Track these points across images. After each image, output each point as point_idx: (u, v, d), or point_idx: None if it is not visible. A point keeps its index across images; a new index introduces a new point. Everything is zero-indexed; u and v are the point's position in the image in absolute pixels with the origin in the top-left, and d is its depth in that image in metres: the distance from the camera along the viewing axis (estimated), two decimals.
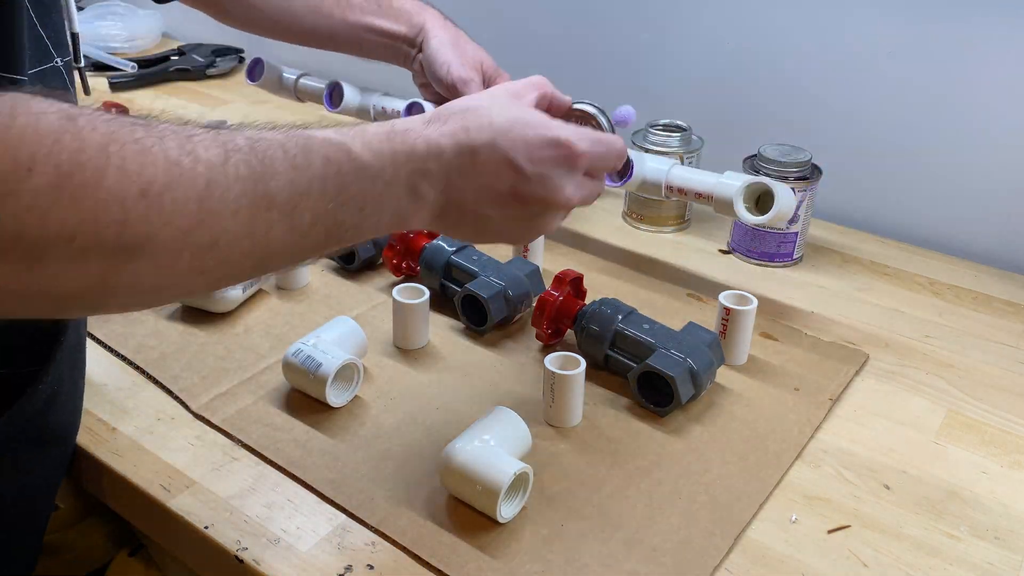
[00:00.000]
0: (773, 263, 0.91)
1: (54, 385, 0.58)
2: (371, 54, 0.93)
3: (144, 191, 0.38)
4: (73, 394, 0.63)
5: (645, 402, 0.68)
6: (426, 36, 0.89)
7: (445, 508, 0.59)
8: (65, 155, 0.36)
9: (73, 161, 0.36)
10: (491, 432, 0.59)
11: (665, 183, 0.83)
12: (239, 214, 0.41)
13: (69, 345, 0.59)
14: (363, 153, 0.47)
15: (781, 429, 0.67)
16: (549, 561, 0.55)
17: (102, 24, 1.47)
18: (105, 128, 0.38)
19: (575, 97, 0.66)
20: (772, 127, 1.03)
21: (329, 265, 0.88)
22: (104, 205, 0.37)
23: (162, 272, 0.40)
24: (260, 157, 0.42)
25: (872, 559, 0.57)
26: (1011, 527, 0.59)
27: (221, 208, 0.40)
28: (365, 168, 0.47)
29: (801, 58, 1.00)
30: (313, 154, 0.45)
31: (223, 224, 0.41)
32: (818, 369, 0.74)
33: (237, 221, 0.41)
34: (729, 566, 0.56)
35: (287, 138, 0.45)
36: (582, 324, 0.72)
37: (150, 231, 0.38)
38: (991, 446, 0.67)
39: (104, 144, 0.37)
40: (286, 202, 0.43)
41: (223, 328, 0.77)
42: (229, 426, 0.66)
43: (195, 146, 0.40)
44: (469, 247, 0.82)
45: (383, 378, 0.72)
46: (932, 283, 0.89)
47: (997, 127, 0.91)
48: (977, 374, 0.75)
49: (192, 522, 0.58)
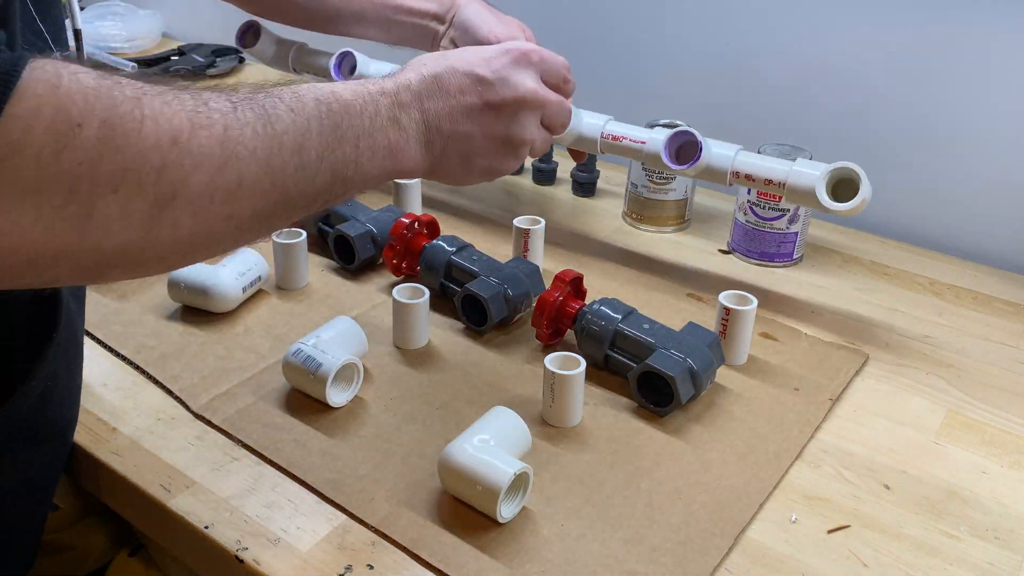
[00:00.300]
0: (773, 263, 0.91)
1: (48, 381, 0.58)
2: (398, 36, 0.92)
3: (175, 139, 0.41)
4: (69, 389, 0.63)
5: (645, 402, 0.68)
6: (458, 7, 0.89)
7: (445, 508, 0.59)
8: (107, 110, 0.38)
9: (114, 115, 0.39)
10: (491, 432, 0.59)
11: (731, 170, 0.79)
12: (256, 153, 0.45)
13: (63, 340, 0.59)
14: (345, 93, 0.52)
15: (781, 429, 0.67)
16: (549, 561, 0.55)
17: (102, 24, 1.47)
18: (133, 85, 0.40)
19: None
20: (772, 127, 1.03)
21: (329, 265, 0.88)
22: (144, 154, 0.40)
23: (197, 218, 0.43)
24: (261, 104, 0.46)
25: (872, 559, 0.57)
26: (1011, 527, 0.59)
27: (240, 149, 0.44)
28: (350, 105, 0.52)
29: (801, 58, 1.00)
30: (304, 98, 0.49)
31: (244, 165, 0.44)
32: (818, 369, 0.74)
33: (256, 161, 0.45)
34: (729, 566, 0.56)
35: (277, 89, 0.49)
36: (582, 324, 0.72)
37: (184, 175, 0.41)
38: (991, 446, 0.67)
39: (136, 98, 0.40)
40: (292, 140, 0.47)
41: (223, 328, 0.77)
42: (229, 426, 0.66)
43: (206, 99, 0.43)
44: (469, 247, 0.82)
45: (383, 378, 0.72)
46: (932, 283, 0.89)
47: (997, 127, 0.91)
48: (977, 374, 0.75)
49: (192, 522, 0.58)
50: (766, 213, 0.89)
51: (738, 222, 0.92)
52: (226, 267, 0.79)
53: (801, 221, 0.89)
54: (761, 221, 0.89)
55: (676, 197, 0.96)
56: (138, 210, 0.40)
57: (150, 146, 0.40)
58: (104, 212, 0.39)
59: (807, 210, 0.89)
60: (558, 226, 0.98)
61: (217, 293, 0.77)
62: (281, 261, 0.83)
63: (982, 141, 0.92)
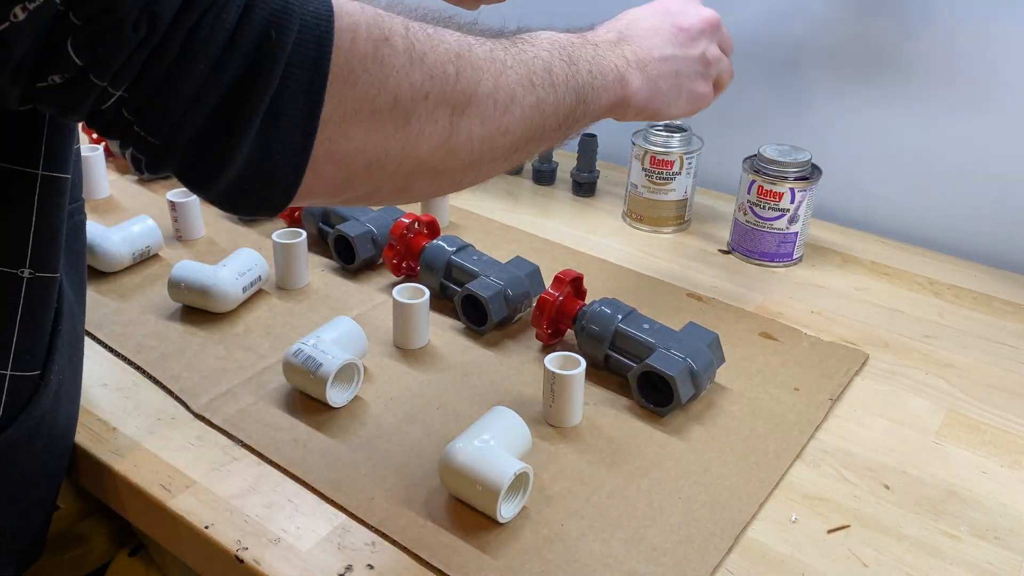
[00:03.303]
0: (773, 263, 0.91)
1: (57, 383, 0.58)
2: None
3: (459, 53, 0.46)
4: (73, 389, 0.63)
5: (645, 402, 0.68)
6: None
7: (445, 508, 0.59)
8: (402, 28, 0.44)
9: (410, 30, 0.44)
10: (491, 432, 0.60)
11: None
12: (518, 69, 0.51)
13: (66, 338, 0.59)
14: (569, 36, 0.59)
15: (781, 429, 0.67)
16: (549, 561, 0.55)
17: None
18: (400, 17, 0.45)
19: None
20: (772, 127, 1.03)
21: (329, 265, 0.88)
22: (440, 65, 0.45)
23: (485, 127, 0.48)
24: (507, 41, 0.52)
25: (872, 559, 0.57)
26: (1011, 527, 0.59)
27: (505, 69, 0.50)
28: (575, 43, 0.59)
29: (801, 57, 1.00)
30: (542, 39, 0.56)
31: (512, 78, 0.50)
32: (818, 369, 0.74)
33: (518, 76, 0.50)
34: (729, 566, 0.56)
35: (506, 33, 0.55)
36: (582, 324, 0.72)
37: (473, 83, 0.47)
38: (991, 446, 0.67)
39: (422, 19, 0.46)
40: (541, 64, 0.53)
41: (223, 328, 0.77)
42: (229, 426, 0.66)
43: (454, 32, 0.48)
44: (469, 247, 0.82)
45: (383, 378, 0.72)
46: (932, 283, 0.89)
47: (997, 127, 0.91)
48: (977, 374, 0.75)
49: (192, 522, 0.58)
50: (766, 213, 0.89)
51: (738, 222, 0.92)
52: (226, 267, 0.79)
53: (801, 221, 0.89)
54: (761, 221, 0.90)
55: (676, 197, 0.96)
56: (442, 116, 0.45)
57: (443, 58, 0.45)
58: (418, 118, 0.44)
59: (807, 210, 0.89)
60: (558, 226, 0.98)
61: (217, 293, 0.77)
62: (281, 261, 0.83)
63: (982, 141, 0.92)
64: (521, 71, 0.51)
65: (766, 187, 0.88)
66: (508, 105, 0.49)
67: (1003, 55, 0.88)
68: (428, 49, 0.45)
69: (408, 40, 0.44)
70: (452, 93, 0.46)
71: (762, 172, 0.88)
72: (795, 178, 0.87)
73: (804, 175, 0.88)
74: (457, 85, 0.46)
